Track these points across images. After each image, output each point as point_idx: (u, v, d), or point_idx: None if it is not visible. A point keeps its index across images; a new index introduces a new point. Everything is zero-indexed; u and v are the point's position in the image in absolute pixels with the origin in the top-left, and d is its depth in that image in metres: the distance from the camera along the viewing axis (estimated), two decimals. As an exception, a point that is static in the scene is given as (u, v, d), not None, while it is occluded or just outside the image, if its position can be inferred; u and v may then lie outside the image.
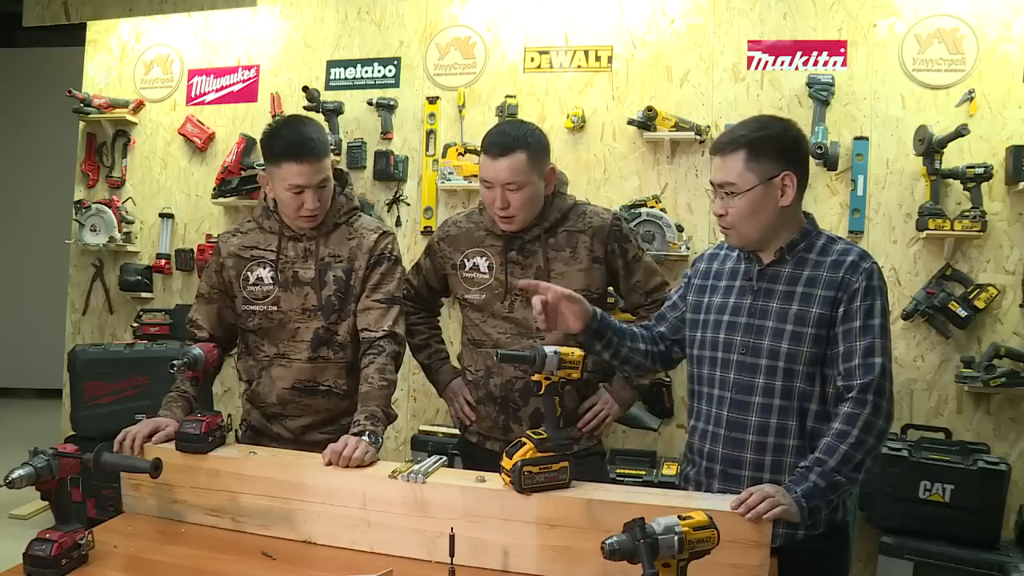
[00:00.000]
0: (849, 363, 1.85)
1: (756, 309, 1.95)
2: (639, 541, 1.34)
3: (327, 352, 2.38)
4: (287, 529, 1.99)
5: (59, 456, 1.81)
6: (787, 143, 1.92)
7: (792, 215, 1.95)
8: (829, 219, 3.87)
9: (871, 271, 1.89)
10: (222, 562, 1.86)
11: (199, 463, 2.08)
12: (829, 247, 1.95)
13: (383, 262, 2.42)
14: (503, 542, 1.81)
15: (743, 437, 1.93)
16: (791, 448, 1.89)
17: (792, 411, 1.89)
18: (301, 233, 2.39)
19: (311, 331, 2.37)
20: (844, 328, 1.86)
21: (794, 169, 1.91)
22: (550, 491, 1.81)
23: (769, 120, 1.99)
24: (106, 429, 2.73)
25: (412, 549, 1.88)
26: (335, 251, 2.39)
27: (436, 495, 1.87)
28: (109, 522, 2.11)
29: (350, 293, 2.38)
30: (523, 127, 2.39)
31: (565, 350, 1.85)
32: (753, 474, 1.91)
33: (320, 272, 2.37)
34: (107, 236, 4.82)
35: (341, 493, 1.95)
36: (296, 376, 2.38)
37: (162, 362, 3.84)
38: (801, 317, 1.89)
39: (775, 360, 1.90)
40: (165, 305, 4.82)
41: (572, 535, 1.76)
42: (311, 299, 2.37)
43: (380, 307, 2.38)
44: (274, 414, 2.41)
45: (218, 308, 2.45)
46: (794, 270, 1.94)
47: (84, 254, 4.99)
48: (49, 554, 1.74)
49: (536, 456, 1.81)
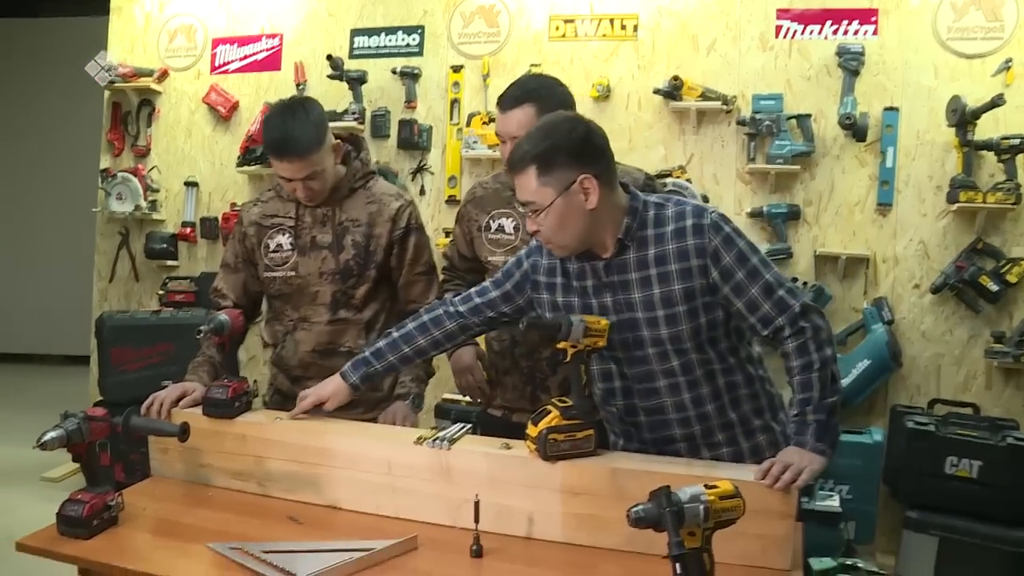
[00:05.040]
0: (759, 311, 1.83)
1: (621, 304, 1.89)
2: (665, 509, 1.34)
3: (346, 313, 2.41)
4: (313, 494, 2.01)
5: (89, 420, 1.84)
6: (575, 145, 1.81)
7: (609, 208, 1.85)
8: (857, 191, 3.83)
9: (715, 223, 1.83)
10: (248, 525, 1.88)
11: (226, 428, 2.10)
12: (661, 216, 1.87)
13: (412, 233, 2.44)
14: (528, 509, 1.82)
15: (665, 418, 1.93)
16: (713, 411, 1.91)
17: (699, 380, 1.89)
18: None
19: (329, 294, 2.39)
20: (731, 287, 1.83)
21: (590, 169, 1.80)
22: (575, 459, 1.81)
23: (551, 127, 1.85)
24: (133, 395, 2.73)
25: (436, 515, 1.89)
26: (353, 216, 2.40)
27: (461, 461, 1.88)
28: (138, 485, 2.13)
29: (370, 259, 2.40)
30: (539, 80, 2.35)
31: (591, 318, 1.84)
32: (689, 444, 1.93)
33: (338, 236, 2.38)
34: (133, 204, 4.85)
35: (366, 458, 1.96)
36: (317, 339, 2.41)
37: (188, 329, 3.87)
38: (667, 299, 1.84)
39: (660, 346, 1.88)
40: (190, 273, 4.86)
41: (596, 503, 1.77)
42: (328, 263, 2.38)
43: (423, 279, 2.46)
44: (298, 377, 2.43)
45: (243, 277, 2.48)
46: (638, 254, 1.87)
47: (110, 222, 5.02)
48: (81, 515, 1.77)
49: (561, 424, 1.81)
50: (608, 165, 1.85)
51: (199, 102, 4.87)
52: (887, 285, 3.84)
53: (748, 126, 3.92)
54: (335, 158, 2.37)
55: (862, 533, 3.42)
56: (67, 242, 7.08)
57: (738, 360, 1.93)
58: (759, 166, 3.94)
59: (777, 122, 3.86)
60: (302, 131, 2.24)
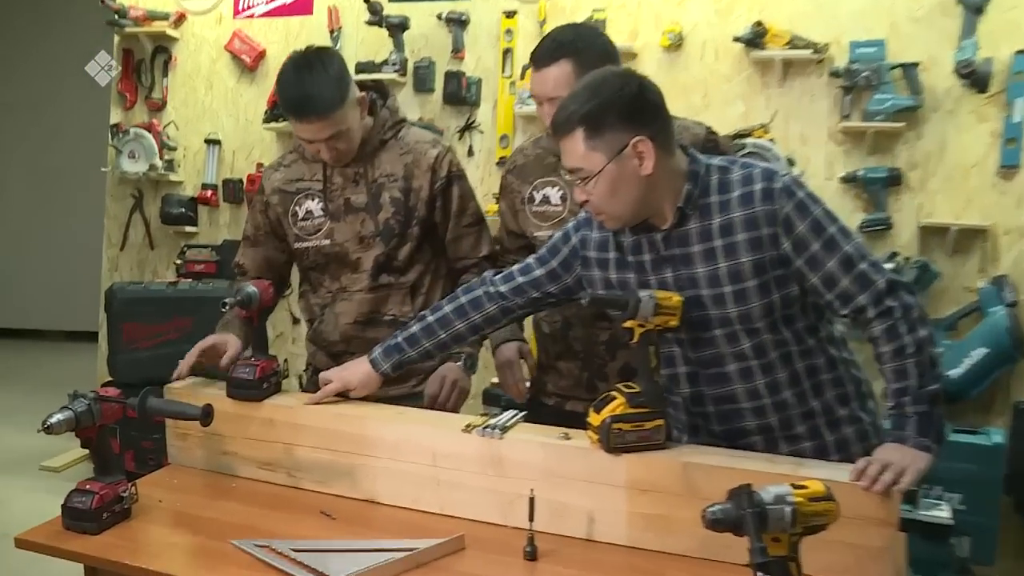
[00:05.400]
0: (837, 287, 1.81)
1: (683, 280, 1.89)
2: (746, 510, 1.33)
3: (388, 278, 2.44)
4: (348, 486, 2.03)
5: (101, 400, 1.85)
6: (627, 103, 1.81)
7: (667, 174, 1.85)
8: (974, 151, 3.75)
9: (787, 187, 1.82)
10: (276, 520, 1.90)
11: (252, 411, 2.12)
12: (726, 181, 1.87)
13: (455, 181, 2.48)
14: (588, 507, 1.82)
15: (736, 408, 1.93)
16: (792, 399, 1.91)
17: (774, 364, 1.89)
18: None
19: (371, 260, 2.42)
20: (805, 259, 1.81)
21: (645, 131, 1.80)
22: (642, 451, 1.81)
23: (599, 83, 1.85)
24: (146, 375, 2.79)
25: (486, 511, 1.90)
26: (388, 170, 2.43)
27: (514, 452, 1.88)
28: (154, 475, 2.17)
29: (411, 215, 2.43)
30: (575, 31, 2.33)
31: (663, 294, 1.83)
32: (765, 437, 1.93)
33: (374, 196, 2.41)
34: (147, 164, 4.95)
35: (408, 447, 1.98)
36: (358, 309, 2.45)
37: (208, 303, 3.93)
38: (735, 274, 1.84)
39: (728, 327, 1.88)
40: (211, 240, 4.96)
41: (666, 502, 1.76)
42: (368, 226, 2.42)
43: (472, 231, 2.51)
44: (339, 353, 2.46)
45: (265, 252, 2.52)
46: (701, 223, 1.87)
47: (122, 183, 5.13)
48: (89, 507, 1.79)
49: (627, 412, 1.81)
50: (664, 125, 1.86)
51: (221, 50, 4.94)
52: (1009, 261, 3.75)
53: (843, 78, 3.85)
54: (361, 112, 2.38)
55: (981, 552, 3.34)
56: (73, 205, 7.21)
57: (818, 341, 1.92)
58: (855, 124, 3.88)
59: (878, 72, 3.78)
60: (322, 88, 2.24)
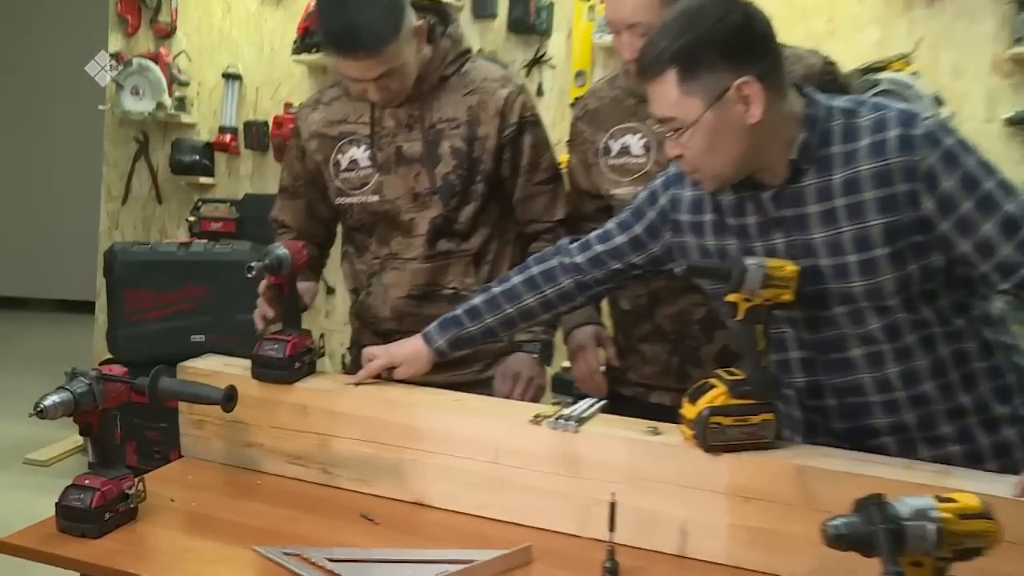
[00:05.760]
0: (995, 256, 1.73)
1: (796, 247, 1.82)
2: (878, 526, 1.29)
3: (447, 244, 2.41)
4: (393, 486, 2.03)
5: (104, 380, 1.83)
6: (730, 37, 1.73)
7: (778, 120, 1.77)
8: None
9: (930, 133, 1.73)
10: (308, 524, 1.91)
11: (281, 396, 2.11)
12: (852, 127, 1.79)
13: (528, 128, 2.41)
14: (680, 517, 1.80)
15: (863, 401, 1.88)
16: (934, 393, 1.84)
17: (911, 349, 1.82)
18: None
19: (426, 222, 2.39)
20: (953, 222, 1.73)
21: (751, 70, 1.72)
22: (747, 451, 1.77)
23: (695, 13, 1.77)
24: (152, 353, 2.82)
25: (557, 519, 1.89)
26: (449, 114, 2.38)
27: (592, 449, 1.86)
28: (164, 469, 2.19)
29: (475, 169, 2.38)
30: None
31: (774, 262, 1.77)
32: (899, 438, 1.87)
33: (431, 144, 2.37)
34: (153, 102, 4.93)
35: (466, 441, 1.96)
36: (412, 280, 2.42)
37: (227, 267, 3.91)
38: (861, 239, 1.76)
39: (852, 304, 1.81)
40: (230, 194, 4.96)
41: (776, 513, 1.73)
42: (423, 181, 2.38)
43: (546, 190, 2.46)
44: (389, 331, 2.43)
45: (307, 203, 2.50)
46: (820, 179, 1.79)
47: (123, 125, 5.14)
48: (89, 505, 1.78)
49: (729, 403, 1.77)
50: (775, 62, 1.78)
51: (243, -37, 4.91)
52: None
53: (1015, -9, 3.75)
54: (418, 43, 2.32)
55: None
56: (65, 151, 7.18)
57: (969, 322, 1.84)
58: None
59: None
60: (371, 16, 2.18)
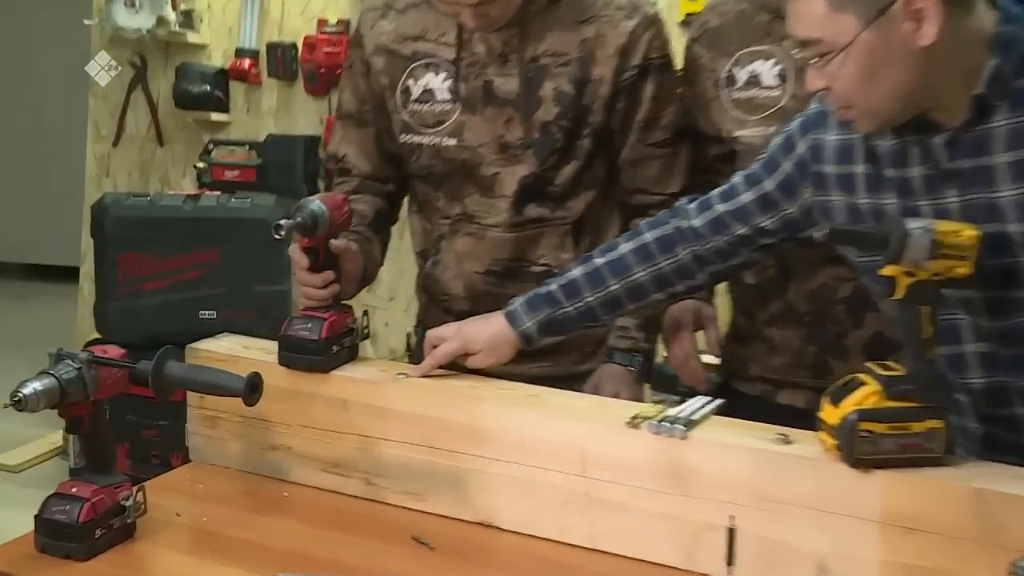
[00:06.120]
0: None
1: (976, 209, 1.70)
2: None
3: (540, 209, 2.33)
4: (453, 502, 1.98)
5: (97, 364, 1.77)
6: None
7: (958, 43, 1.63)
8: None
9: None
10: (347, 547, 1.87)
11: (315, 387, 2.07)
12: None
13: (651, 73, 2.29)
14: (818, 549, 1.70)
15: None
16: None
17: None
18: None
19: (515, 180, 2.31)
20: None
21: None
22: (907, 467, 1.67)
23: None
24: (151, 331, 2.76)
25: (660, 548, 1.82)
26: (556, 47, 2.28)
27: (705, 460, 1.78)
28: (169, 476, 2.20)
29: (583, 119, 2.28)
30: None
31: (946, 226, 1.65)
32: None
33: (530, 83, 2.28)
34: (153, 16, 4.84)
35: (546, 447, 1.89)
36: (492, 252, 2.36)
37: (245, 226, 3.82)
38: None
39: None
40: (250, 135, 4.89)
41: (945, 547, 1.62)
42: (515, 129, 2.30)
43: (662, 153, 2.34)
44: (460, 312, 2.35)
45: (377, 134, 2.43)
46: (1012, 119, 1.66)
47: (115, 45, 5.08)
48: (76, 519, 1.73)
49: (884, 406, 1.66)
50: None
51: None
52: None
53: None
54: None
55: None
56: (42, 77, 7.06)
57: None
58: None
59: None
60: None
